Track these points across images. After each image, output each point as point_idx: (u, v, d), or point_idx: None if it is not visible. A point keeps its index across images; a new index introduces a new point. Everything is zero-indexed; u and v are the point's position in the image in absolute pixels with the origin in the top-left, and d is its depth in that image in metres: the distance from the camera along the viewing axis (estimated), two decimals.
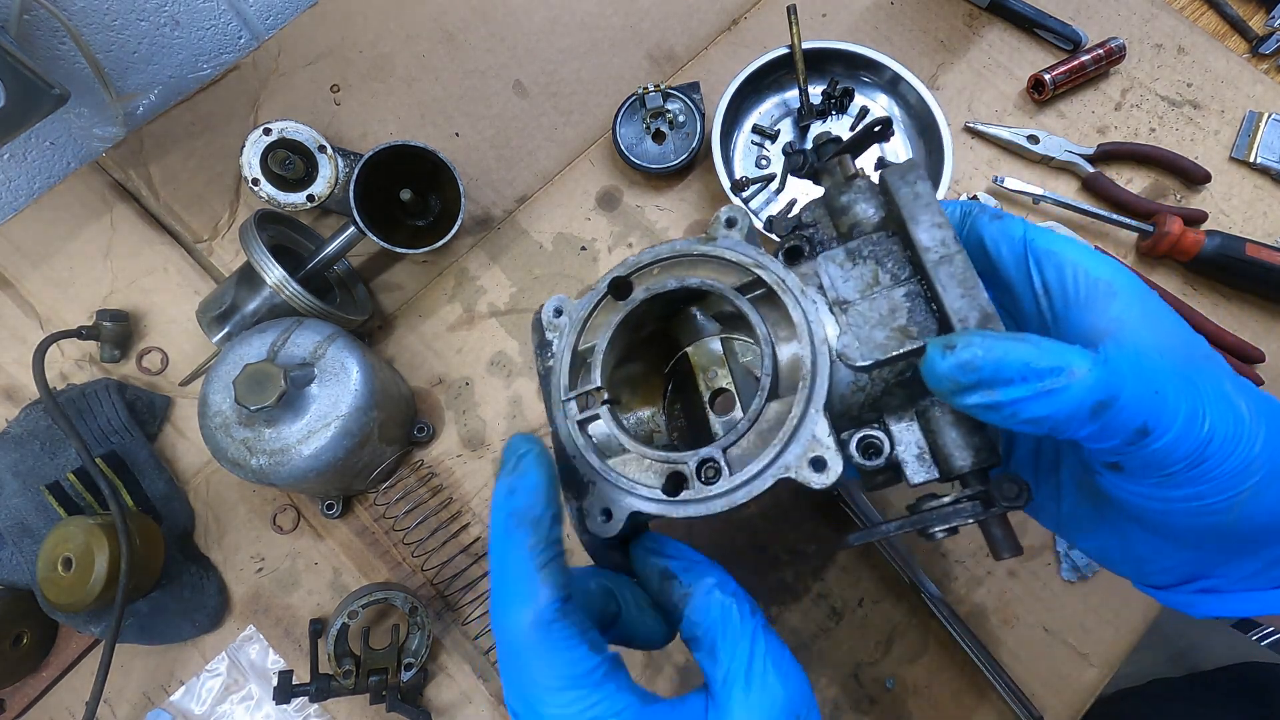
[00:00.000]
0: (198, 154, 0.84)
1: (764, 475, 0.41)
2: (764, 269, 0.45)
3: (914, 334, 0.41)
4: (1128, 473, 0.37)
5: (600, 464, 0.44)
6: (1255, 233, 0.86)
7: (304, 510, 0.76)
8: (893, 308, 0.42)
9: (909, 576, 0.72)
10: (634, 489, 0.43)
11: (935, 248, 0.41)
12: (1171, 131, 0.90)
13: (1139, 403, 0.34)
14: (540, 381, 0.49)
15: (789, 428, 0.41)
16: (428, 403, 0.79)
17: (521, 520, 0.38)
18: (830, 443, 0.40)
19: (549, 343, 0.49)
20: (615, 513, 0.43)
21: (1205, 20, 0.99)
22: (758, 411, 0.42)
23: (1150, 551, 0.42)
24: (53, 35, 0.75)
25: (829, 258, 0.45)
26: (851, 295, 0.43)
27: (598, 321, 0.48)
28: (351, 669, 0.67)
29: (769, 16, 0.92)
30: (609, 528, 0.43)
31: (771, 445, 0.41)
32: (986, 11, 0.93)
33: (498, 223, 0.85)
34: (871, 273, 0.44)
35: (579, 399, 0.45)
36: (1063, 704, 0.71)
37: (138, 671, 0.72)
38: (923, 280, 0.42)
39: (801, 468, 0.40)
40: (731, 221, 0.48)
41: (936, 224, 0.42)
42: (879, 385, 0.42)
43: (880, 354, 0.41)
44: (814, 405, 0.41)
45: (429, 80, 0.88)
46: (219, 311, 0.73)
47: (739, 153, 0.87)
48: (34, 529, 0.71)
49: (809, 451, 0.40)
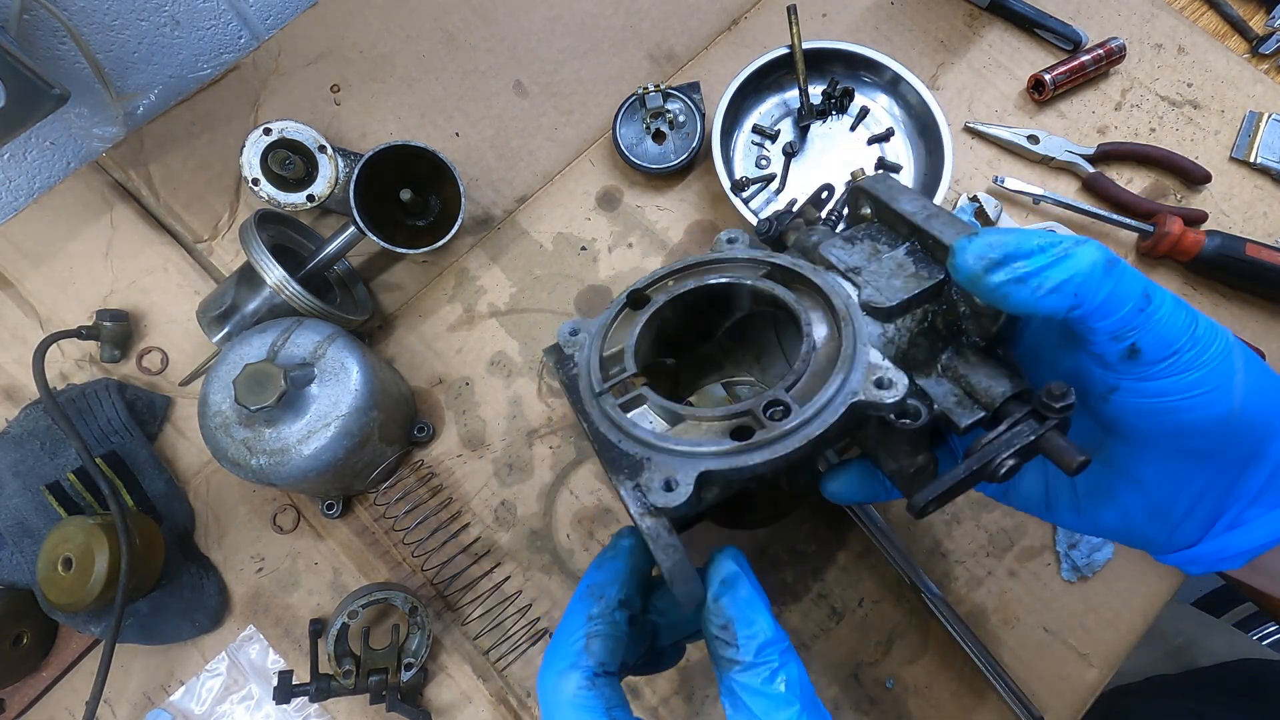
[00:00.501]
0: (198, 154, 0.84)
1: (834, 403, 0.40)
2: (776, 258, 0.48)
3: (925, 276, 0.44)
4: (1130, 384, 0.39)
5: (656, 436, 0.42)
6: (1255, 233, 0.86)
7: (304, 510, 0.76)
8: (899, 263, 0.45)
9: (909, 576, 0.72)
10: (698, 447, 0.41)
11: (919, 210, 0.46)
12: (1171, 131, 0.90)
13: (1138, 274, 0.38)
14: (566, 393, 0.49)
15: (845, 357, 0.42)
16: (428, 403, 0.79)
17: (594, 593, 0.43)
18: (888, 364, 0.41)
19: (569, 357, 0.50)
20: (680, 478, 0.40)
21: (1205, 20, 0.99)
22: (807, 360, 0.43)
23: (1169, 489, 0.42)
24: (53, 35, 0.75)
25: (829, 245, 0.48)
26: (860, 263, 0.46)
27: (620, 331, 0.49)
28: (351, 669, 0.67)
29: (769, 16, 0.92)
30: (674, 496, 0.39)
31: (834, 376, 0.41)
32: (986, 11, 0.93)
33: (498, 223, 0.85)
34: (870, 247, 0.47)
35: (614, 389, 0.46)
36: (1063, 704, 0.71)
37: (138, 671, 0.72)
38: (918, 241, 0.46)
39: (869, 389, 0.41)
40: (732, 240, 0.52)
41: (913, 198, 0.46)
42: (904, 336, 0.44)
43: (904, 294, 0.43)
44: (860, 340, 0.43)
45: (429, 80, 0.88)
46: (219, 311, 0.73)
47: (739, 153, 0.87)
48: (34, 529, 0.71)
49: (870, 375, 0.41)
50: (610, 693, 0.40)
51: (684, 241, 0.84)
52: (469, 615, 0.73)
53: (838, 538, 0.75)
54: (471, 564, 0.75)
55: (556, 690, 0.40)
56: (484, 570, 0.75)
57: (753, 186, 0.84)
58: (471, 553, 0.75)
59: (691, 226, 0.85)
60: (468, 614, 0.73)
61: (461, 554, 0.75)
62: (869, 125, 0.87)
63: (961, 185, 0.87)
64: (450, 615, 0.73)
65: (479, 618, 0.73)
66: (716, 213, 0.85)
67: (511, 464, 0.78)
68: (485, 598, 0.74)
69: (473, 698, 0.72)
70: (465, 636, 0.73)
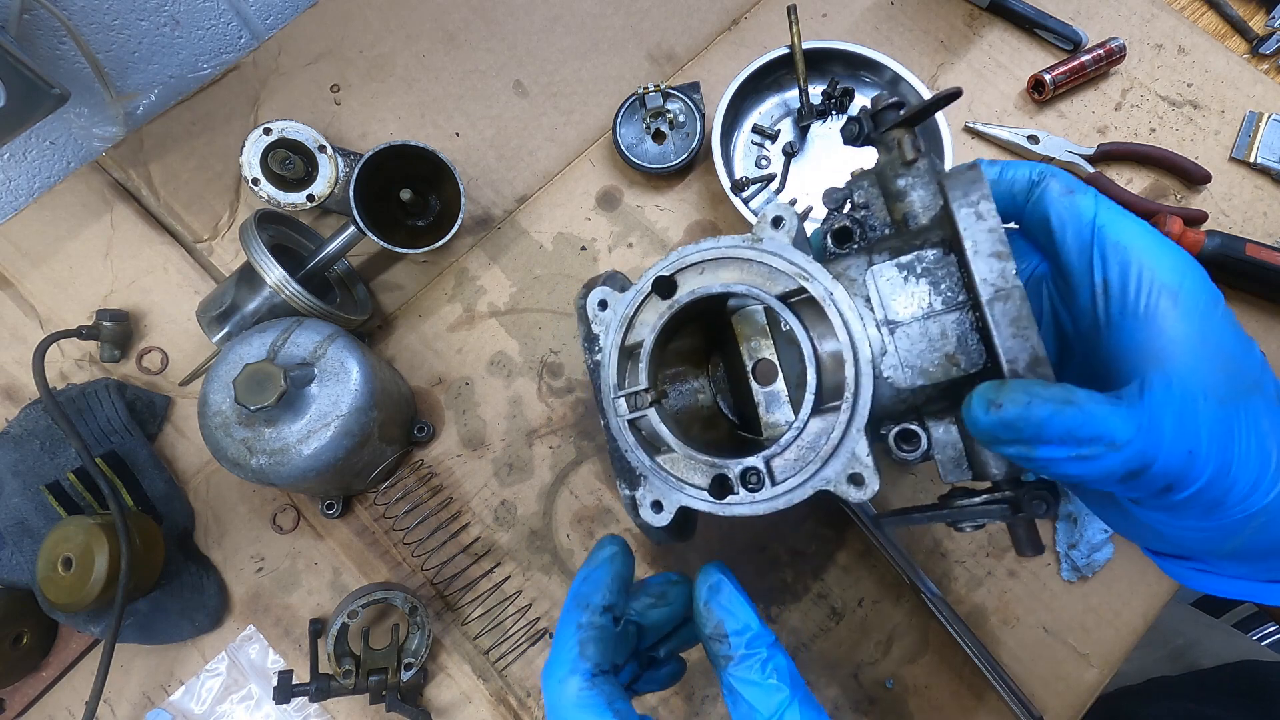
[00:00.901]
0: (198, 154, 0.84)
1: (805, 486, 0.43)
2: (810, 279, 0.44)
3: (960, 363, 0.41)
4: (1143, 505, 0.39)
5: (650, 462, 0.47)
6: (1255, 233, 0.86)
7: (304, 510, 0.76)
8: (942, 331, 0.42)
9: (909, 577, 0.72)
10: (683, 488, 0.46)
11: (993, 280, 0.39)
12: (1172, 132, 0.90)
13: (1170, 467, 0.35)
14: (589, 373, 0.52)
15: (830, 445, 0.42)
16: (428, 403, 0.79)
17: (580, 603, 0.46)
18: (869, 461, 0.42)
19: (595, 335, 0.51)
20: (666, 505, 0.46)
21: (1205, 20, 0.99)
22: (801, 426, 0.43)
23: (1154, 539, 0.44)
24: (53, 35, 0.75)
25: (878, 273, 0.43)
26: (900, 316, 0.43)
27: (643, 318, 0.49)
28: (351, 669, 0.67)
29: (769, 16, 0.92)
30: (660, 519, 0.46)
31: (812, 462, 0.43)
32: (987, 11, 0.93)
33: (498, 223, 0.85)
34: (924, 293, 0.42)
35: (628, 399, 0.48)
36: (1063, 704, 0.71)
37: (138, 671, 0.72)
38: (975, 309, 0.41)
39: (840, 483, 0.42)
40: (778, 221, 0.46)
41: (996, 253, 0.39)
42: (920, 398, 0.43)
43: (924, 380, 0.42)
44: (855, 425, 0.42)
45: (429, 80, 0.88)
46: (219, 311, 0.73)
47: (739, 153, 0.87)
48: (34, 529, 0.71)
49: (848, 468, 0.42)
50: (610, 689, 0.43)
51: (684, 241, 0.84)
52: (469, 615, 0.73)
53: (838, 538, 0.75)
54: (471, 564, 0.75)
55: (561, 695, 0.43)
56: (484, 570, 0.75)
57: (753, 186, 0.84)
58: (471, 553, 0.75)
59: (691, 226, 0.85)
60: (468, 614, 0.73)
61: (461, 554, 0.75)
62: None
63: None
64: (450, 615, 0.73)
65: (479, 618, 0.73)
66: (716, 213, 0.85)
67: (511, 464, 0.78)
68: (485, 598, 0.74)
69: (472, 697, 0.72)
70: (465, 636, 0.73)
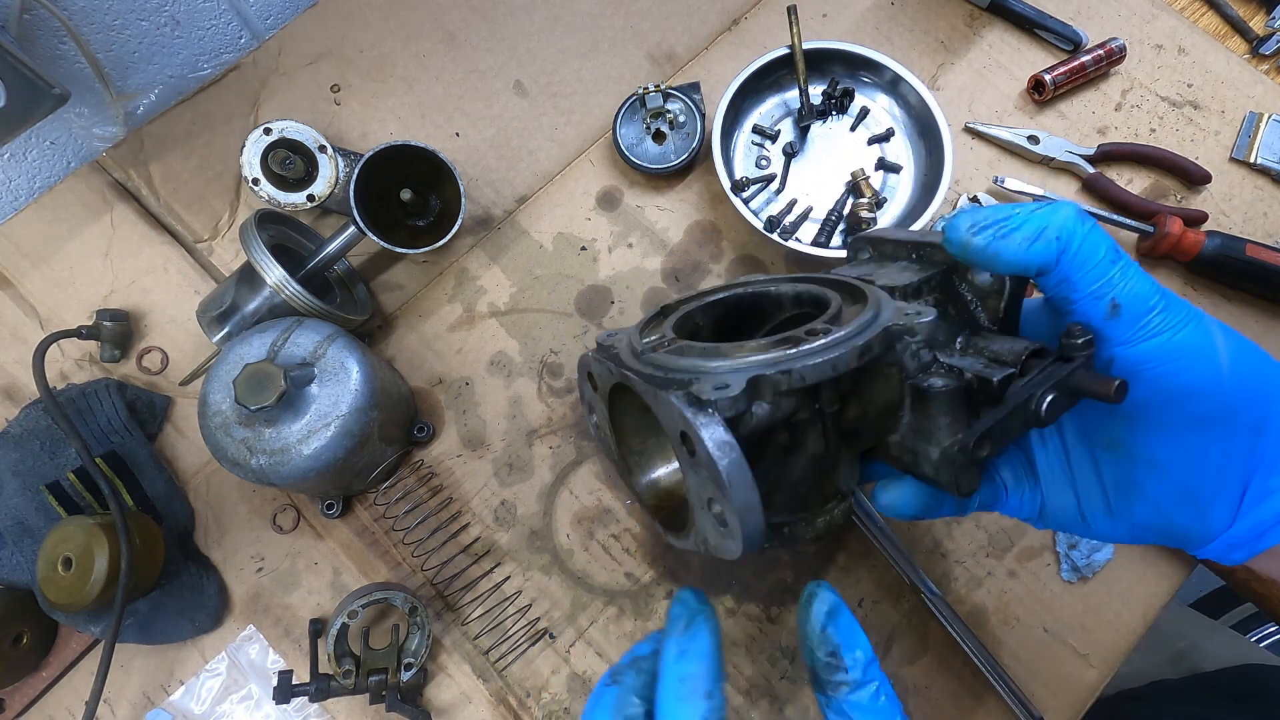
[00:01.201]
0: (198, 154, 0.84)
1: (872, 326, 0.42)
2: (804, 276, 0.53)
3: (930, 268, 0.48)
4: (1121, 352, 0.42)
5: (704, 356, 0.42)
6: (1255, 233, 0.86)
7: (304, 510, 0.76)
8: (903, 267, 0.50)
9: (909, 577, 0.72)
10: (748, 358, 0.41)
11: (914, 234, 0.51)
12: (1172, 132, 0.90)
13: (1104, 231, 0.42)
14: (601, 353, 0.50)
15: (874, 301, 0.44)
16: (428, 403, 0.79)
17: (694, 691, 0.38)
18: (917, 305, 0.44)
19: (608, 346, 0.51)
20: (732, 382, 0.39)
21: (1205, 20, 0.99)
22: (838, 310, 0.45)
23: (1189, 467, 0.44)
24: (53, 35, 0.75)
25: (837, 270, 0.52)
26: (870, 270, 0.51)
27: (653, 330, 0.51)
28: (351, 669, 0.67)
29: (769, 16, 0.92)
30: (727, 392, 0.38)
31: (866, 311, 0.43)
32: (986, 12, 0.93)
33: (498, 223, 0.85)
34: (875, 264, 0.53)
35: (656, 345, 0.47)
36: (1063, 705, 0.71)
37: (138, 671, 0.72)
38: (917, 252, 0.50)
39: (900, 317, 0.42)
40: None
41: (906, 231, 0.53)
42: None
43: (914, 277, 0.47)
44: (885, 299, 0.45)
45: (429, 80, 0.88)
46: (219, 311, 0.73)
47: (739, 153, 0.87)
48: (34, 529, 0.71)
49: (900, 312, 0.43)
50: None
51: (684, 241, 0.84)
52: (469, 615, 0.73)
53: (838, 538, 0.75)
54: (471, 564, 0.75)
55: None
56: (484, 570, 0.75)
57: (753, 186, 0.84)
58: (471, 553, 0.75)
59: (691, 227, 0.85)
60: (468, 614, 0.73)
61: (461, 554, 0.75)
62: (869, 125, 0.87)
63: (961, 186, 0.87)
64: (450, 615, 0.73)
65: (479, 618, 0.73)
66: (716, 213, 0.85)
67: (511, 464, 0.78)
68: (485, 598, 0.74)
69: (472, 698, 0.72)
70: (465, 636, 0.73)
